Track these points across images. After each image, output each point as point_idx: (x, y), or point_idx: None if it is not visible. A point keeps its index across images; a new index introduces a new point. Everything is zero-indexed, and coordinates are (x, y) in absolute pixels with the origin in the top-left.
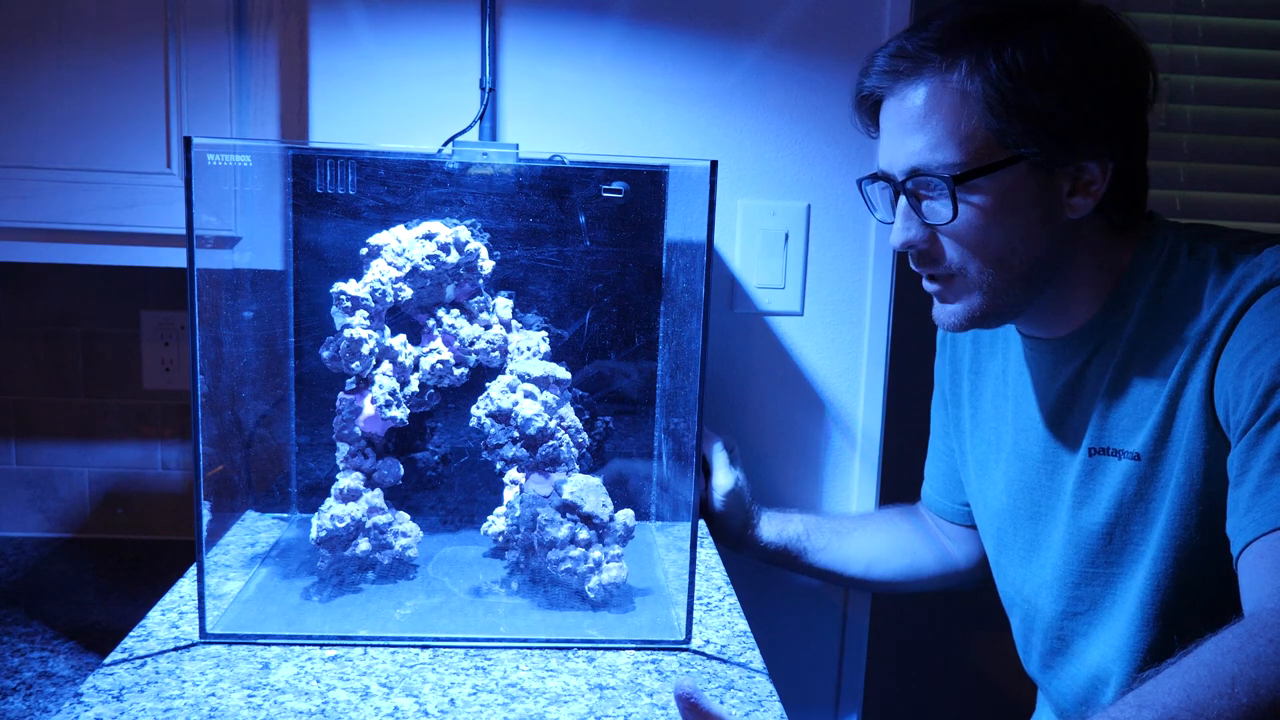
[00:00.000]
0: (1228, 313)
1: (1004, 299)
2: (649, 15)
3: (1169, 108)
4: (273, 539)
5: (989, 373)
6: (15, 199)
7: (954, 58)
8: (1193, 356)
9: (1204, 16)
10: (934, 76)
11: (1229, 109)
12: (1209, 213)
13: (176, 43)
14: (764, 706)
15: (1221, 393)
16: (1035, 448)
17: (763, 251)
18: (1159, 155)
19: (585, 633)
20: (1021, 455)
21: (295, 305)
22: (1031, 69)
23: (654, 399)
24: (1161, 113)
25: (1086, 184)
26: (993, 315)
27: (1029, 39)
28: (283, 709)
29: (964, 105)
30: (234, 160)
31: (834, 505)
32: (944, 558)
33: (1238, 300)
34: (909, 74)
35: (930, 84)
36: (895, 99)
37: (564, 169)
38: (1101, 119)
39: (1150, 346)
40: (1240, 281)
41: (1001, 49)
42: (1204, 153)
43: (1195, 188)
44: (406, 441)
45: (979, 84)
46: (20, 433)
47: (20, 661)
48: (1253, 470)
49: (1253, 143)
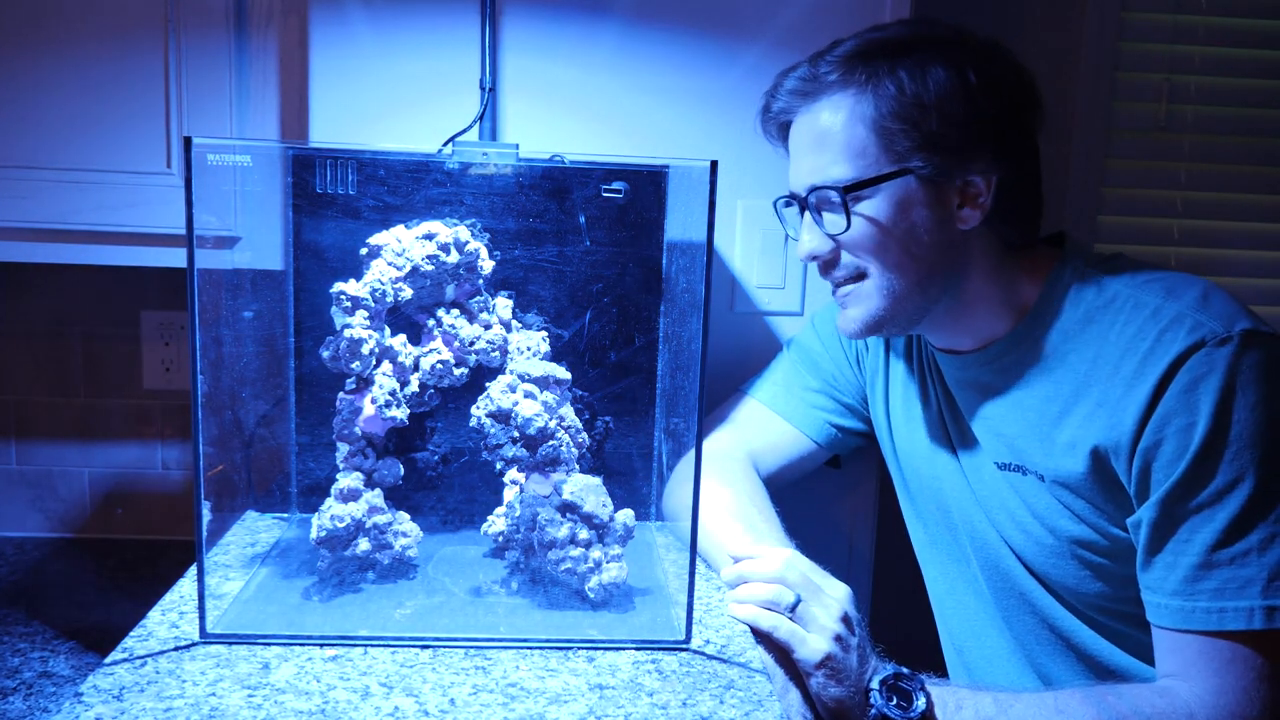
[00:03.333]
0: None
1: (901, 306)
2: (649, 15)
3: (1169, 107)
4: (273, 539)
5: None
6: (15, 199)
7: (849, 80)
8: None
9: (1204, 16)
10: (831, 97)
11: (1229, 109)
12: (1209, 212)
13: (176, 43)
14: (764, 706)
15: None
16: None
17: (763, 251)
18: (1159, 155)
19: (585, 633)
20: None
21: (295, 305)
22: (918, 91)
23: (654, 399)
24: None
25: (973, 196)
26: (889, 322)
27: (918, 63)
28: (283, 709)
29: (856, 124)
30: (234, 160)
31: (832, 504)
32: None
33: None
34: (811, 96)
35: (828, 105)
36: (799, 120)
37: (564, 169)
38: (984, 138)
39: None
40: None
41: (893, 71)
42: (1204, 153)
43: (1195, 188)
44: (406, 441)
45: (870, 103)
46: (20, 433)
47: (20, 661)
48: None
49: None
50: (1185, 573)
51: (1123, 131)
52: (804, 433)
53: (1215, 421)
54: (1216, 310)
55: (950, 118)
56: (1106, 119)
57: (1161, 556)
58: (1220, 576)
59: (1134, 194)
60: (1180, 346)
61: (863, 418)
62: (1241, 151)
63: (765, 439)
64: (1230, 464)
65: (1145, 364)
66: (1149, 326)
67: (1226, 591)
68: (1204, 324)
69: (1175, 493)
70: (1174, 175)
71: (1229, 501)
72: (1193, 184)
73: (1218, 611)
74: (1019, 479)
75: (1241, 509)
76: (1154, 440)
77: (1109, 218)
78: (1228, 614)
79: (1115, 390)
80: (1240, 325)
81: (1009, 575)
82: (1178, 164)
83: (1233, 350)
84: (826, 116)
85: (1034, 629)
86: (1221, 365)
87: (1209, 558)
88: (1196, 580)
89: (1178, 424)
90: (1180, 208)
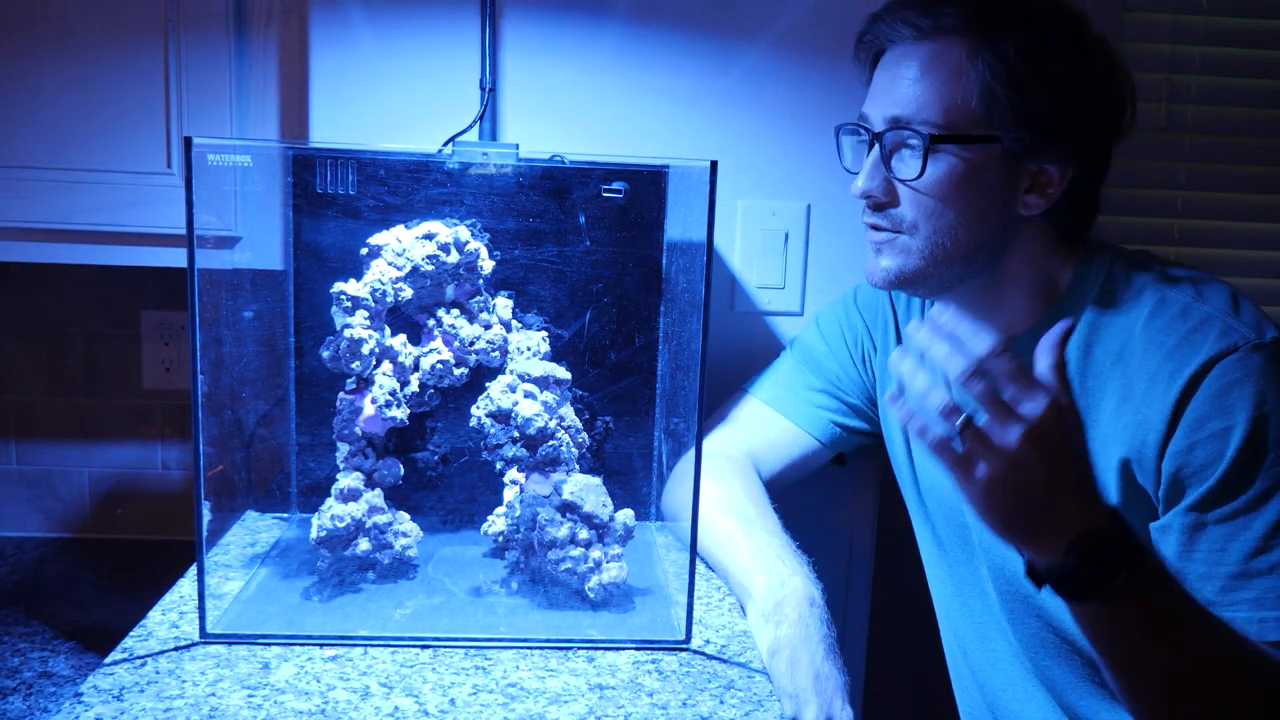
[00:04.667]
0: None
1: (938, 269)
2: (649, 15)
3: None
4: (273, 539)
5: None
6: (15, 199)
7: (971, 29)
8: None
9: (1204, 16)
10: (941, 41)
11: (1230, 109)
12: (1210, 213)
13: (176, 43)
14: (764, 706)
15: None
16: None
17: (763, 251)
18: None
19: (585, 633)
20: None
21: (295, 305)
22: (1032, 62)
23: (654, 399)
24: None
25: (1044, 184)
26: (920, 282)
27: (1036, 35)
28: (283, 709)
29: (961, 75)
30: (234, 160)
31: (832, 503)
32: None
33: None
34: (924, 32)
35: (936, 47)
36: (899, 50)
37: (564, 169)
38: (1075, 129)
39: (1081, 372)
40: (1188, 335)
41: (1012, 35)
42: (1205, 153)
43: (1196, 188)
44: (406, 441)
45: (982, 60)
46: (20, 433)
47: (20, 661)
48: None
49: (1254, 143)
50: (1222, 583)
51: None
52: (807, 431)
53: (1253, 428)
54: (1248, 317)
55: (1057, 100)
56: None
57: (1194, 565)
58: (1260, 586)
59: (1134, 194)
60: (1213, 349)
61: (867, 417)
62: (1241, 151)
63: (767, 437)
64: (1268, 471)
65: (1172, 362)
66: (1176, 324)
67: (1266, 601)
68: (1236, 329)
69: (1210, 499)
70: (1174, 175)
71: (1267, 509)
72: (1193, 184)
73: (1258, 621)
74: None
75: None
76: (1187, 444)
77: (1109, 218)
78: (1269, 624)
79: (1139, 385)
80: (1272, 334)
81: (1015, 578)
82: (1178, 164)
83: (1268, 357)
84: (932, 56)
85: (1039, 632)
86: (1257, 371)
87: (1246, 566)
88: (1234, 590)
89: (1212, 428)
90: (1180, 208)
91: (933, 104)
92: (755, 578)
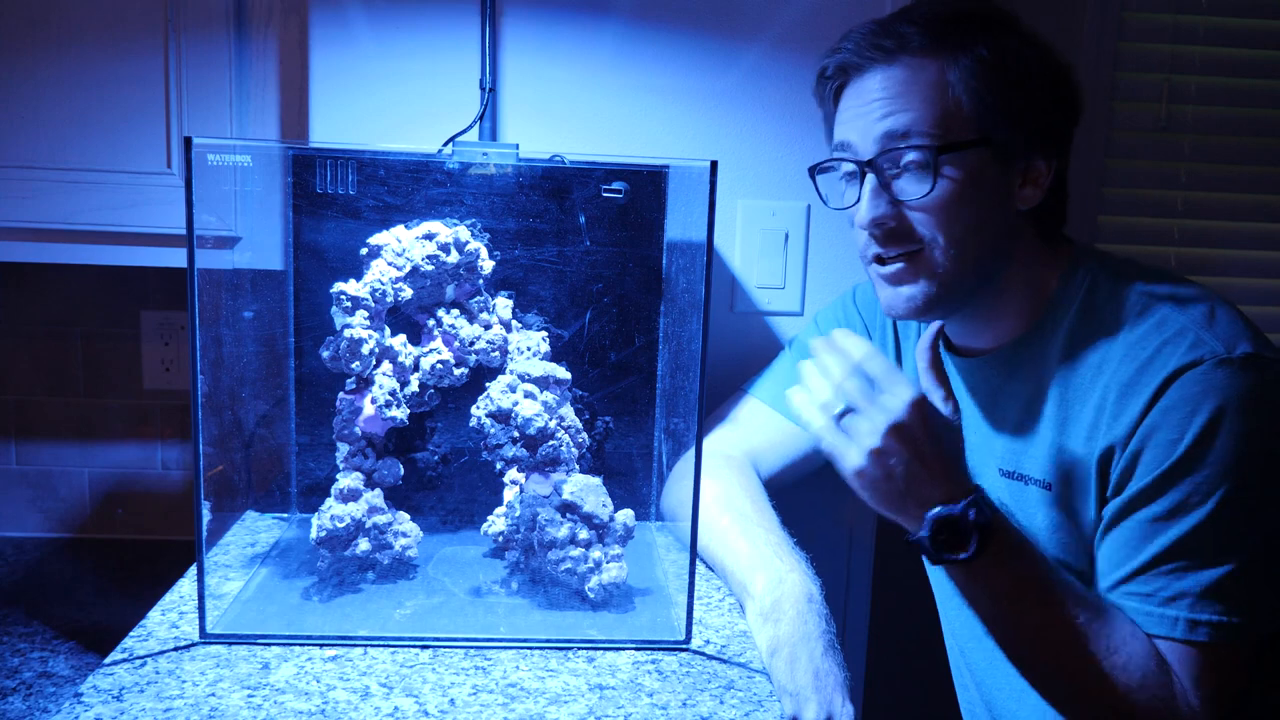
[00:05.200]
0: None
1: (954, 285)
2: (649, 15)
3: (1169, 107)
4: (273, 539)
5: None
6: (15, 199)
7: (940, 43)
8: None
9: (1204, 16)
10: (914, 57)
11: (1229, 109)
12: (1210, 213)
13: (176, 43)
14: (764, 706)
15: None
16: None
17: (763, 251)
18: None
19: (585, 633)
20: None
21: (295, 305)
22: (1005, 61)
23: (654, 399)
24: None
25: (1035, 177)
26: (939, 304)
27: (997, 37)
28: (283, 709)
29: (943, 84)
30: (234, 160)
31: (832, 502)
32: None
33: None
34: (890, 53)
35: (912, 61)
36: (870, 74)
37: (564, 169)
38: (1053, 122)
39: (1064, 383)
40: (1161, 347)
41: (982, 42)
42: (1204, 153)
43: (1196, 188)
44: (406, 441)
45: (960, 67)
46: (20, 433)
47: (20, 661)
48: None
49: (1253, 143)
50: (1125, 574)
51: (1123, 131)
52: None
53: (1197, 444)
54: (1221, 329)
55: (1031, 94)
56: (1106, 119)
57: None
58: (1153, 585)
59: (1134, 194)
60: (1179, 361)
61: None
62: (1241, 151)
63: (767, 437)
64: (1199, 487)
65: (1143, 373)
66: (1152, 335)
67: (1154, 598)
68: (1205, 341)
69: (1140, 499)
70: (1174, 175)
71: (1185, 520)
72: (1193, 184)
73: (1144, 614)
74: (1020, 489)
75: (1193, 530)
76: (1138, 447)
77: (1109, 218)
78: (1153, 618)
79: (1113, 395)
80: (1242, 348)
81: None
82: (1178, 164)
83: (1230, 373)
84: (913, 72)
85: None
86: (1217, 387)
87: (1152, 568)
88: (1132, 583)
89: (1161, 438)
90: (1180, 208)
91: (925, 115)
92: (753, 576)
